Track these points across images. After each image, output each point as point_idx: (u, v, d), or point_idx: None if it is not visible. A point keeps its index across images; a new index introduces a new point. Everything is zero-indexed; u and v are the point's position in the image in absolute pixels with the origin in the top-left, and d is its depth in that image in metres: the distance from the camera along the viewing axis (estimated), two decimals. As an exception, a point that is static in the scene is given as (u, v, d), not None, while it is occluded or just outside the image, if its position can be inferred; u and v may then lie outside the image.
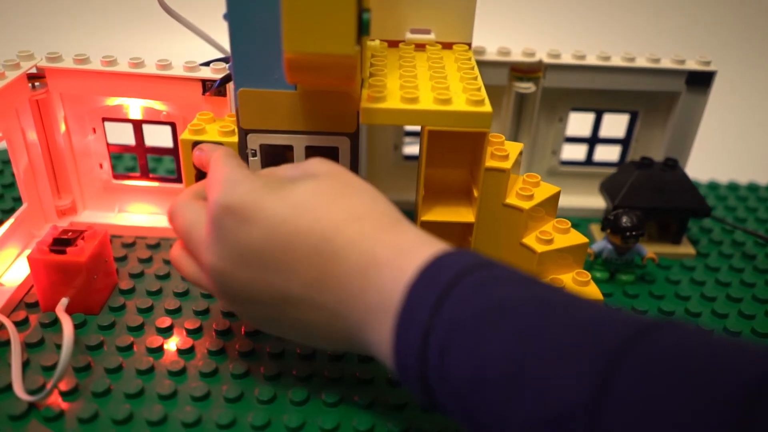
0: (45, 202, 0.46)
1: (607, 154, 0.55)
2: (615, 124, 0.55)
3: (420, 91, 0.36)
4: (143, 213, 0.49)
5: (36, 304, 0.40)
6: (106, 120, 0.46)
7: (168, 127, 0.46)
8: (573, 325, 0.23)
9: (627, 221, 0.43)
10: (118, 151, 0.48)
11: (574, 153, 0.55)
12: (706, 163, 0.63)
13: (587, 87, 0.49)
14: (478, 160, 0.37)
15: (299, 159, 0.38)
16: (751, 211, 0.57)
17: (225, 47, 0.46)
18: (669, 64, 0.49)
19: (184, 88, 0.42)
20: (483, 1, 0.46)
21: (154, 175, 0.49)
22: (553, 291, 0.26)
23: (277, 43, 0.31)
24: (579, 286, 0.37)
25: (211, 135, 0.39)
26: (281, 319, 0.31)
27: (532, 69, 0.48)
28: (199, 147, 0.37)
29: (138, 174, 0.48)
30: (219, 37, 0.45)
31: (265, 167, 0.39)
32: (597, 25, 0.90)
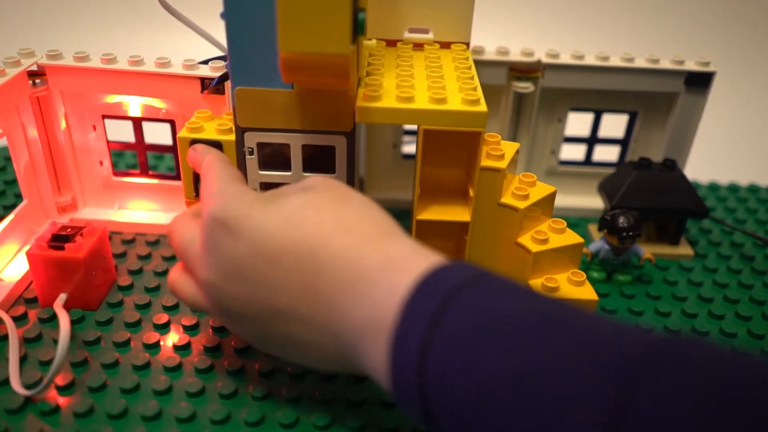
0: (45, 198, 0.46)
1: (606, 154, 0.55)
2: (614, 125, 0.55)
3: (416, 90, 0.36)
4: (143, 210, 0.49)
5: (35, 299, 0.40)
6: (106, 117, 0.46)
7: (167, 125, 0.46)
8: (580, 339, 0.23)
9: (624, 222, 0.43)
10: (118, 149, 0.48)
11: (573, 153, 0.55)
12: (707, 164, 0.63)
13: (586, 87, 0.49)
14: (474, 160, 0.37)
15: (296, 157, 0.38)
16: (751, 213, 0.57)
17: (224, 45, 0.46)
18: (668, 64, 0.48)
19: (183, 86, 0.43)
20: (482, 1, 0.46)
21: (153, 173, 0.49)
22: (554, 303, 0.25)
23: (274, 43, 0.31)
24: (574, 286, 0.38)
25: (209, 133, 0.39)
26: (272, 336, 0.30)
27: (531, 69, 0.48)
28: (193, 147, 0.37)
29: (138, 171, 0.49)
30: (218, 35, 0.45)
31: (263, 165, 0.39)
32: (596, 26, 0.90)
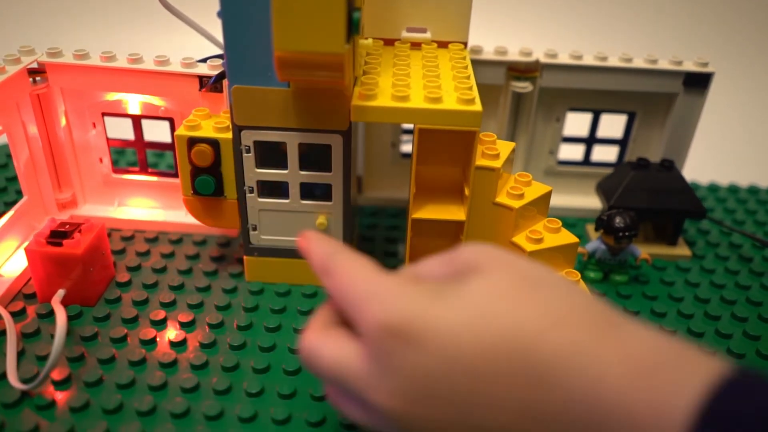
0: (45, 195, 0.47)
1: (605, 154, 0.55)
2: (613, 125, 0.55)
3: (411, 89, 0.36)
4: (142, 207, 0.50)
5: (34, 295, 0.41)
6: (105, 115, 0.46)
7: (167, 123, 0.46)
8: None
9: (620, 222, 0.43)
10: (118, 146, 0.49)
11: (572, 153, 0.55)
12: (707, 165, 0.63)
13: (584, 87, 0.49)
14: (469, 159, 0.37)
15: (292, 155, 0.39)
16: (750, 214, 0.56)
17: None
18: (666, 65, 0.48)
19: (181, 84, 0.43)
20: (481, 1, 0.46)
21: (153, 170, 0.49)
22: None
23: (270, 41, 0.31)
24: (568, 286, 0.38)
25: (207, 131, 0.39)
26: None
27: (529, 69, 0.48)
28: (304, 236, 0.29)
29: (137, 168, 0.49)
30: (217, 34, 0.46)
31: (260, 163, 0.39)
32: (595, 26, 0.90)
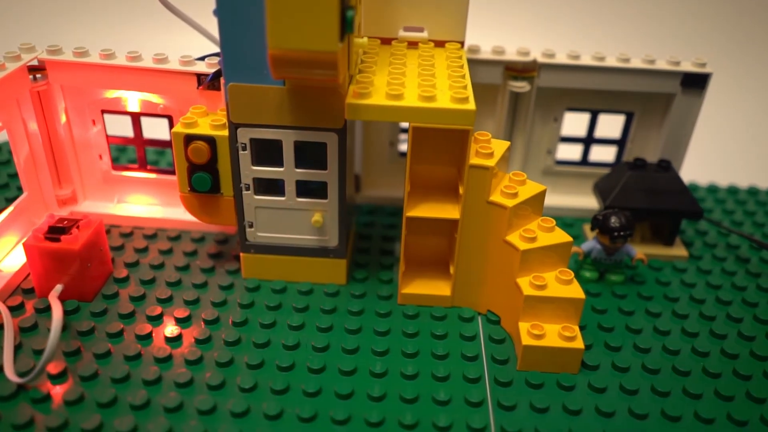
0: (45, 191, 0.47)
1: (603, 154, 0.55)
2: (611, 125, 0.55)
3: (406, 88, 0.36)
4: (141, 204, 0.50)
5: (32, 290, 0.41)
6: (105, 112, 0.47)
7: (166, 120, 0.47)
8: None
9: (615, 221, 0.43)
10: (117, 143, 0.49)
11: (570, 153, 0.55)
12: (707, 165, 0.63)
13: (582, 87, 0.49)
14: (463, 157, 0.37)
15: (288, 153, 0.39)
16: (749, 215, 0.56)
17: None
18: (664, 65, 0.48)
19: (179, 81, 0.43)
20: (479, 1, 0.47)
21: (152, 167, 0.50)
22: None
23: (265, 39, 0.31)
24: (562, 285, 0.38)
25: (203, 128, 0.39)
26: None
27: (527, 68, 0.49)
28: None
29: (137, 165, 0.49)
30: (215, 32, 0.46)
31: (256, 160, 0.40)
32: (592, 26, 0.90)
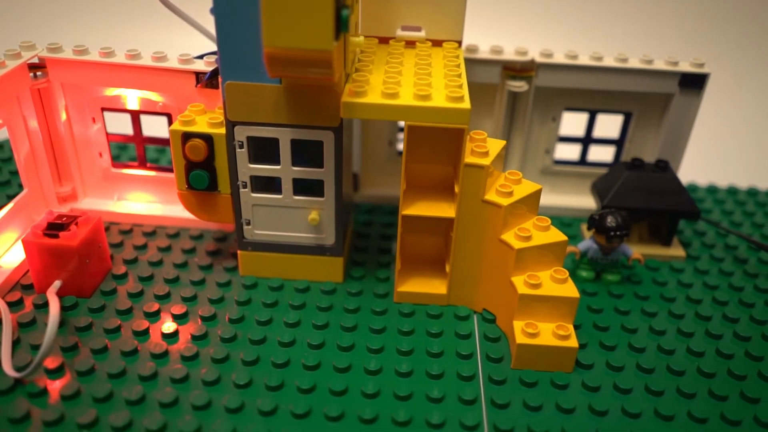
0: (46, 188, 0.48)
1: (601, 154, 0.55)
2: (609, 125, 0.55)
3: (402, 86, 0.37)
4: (141, 201, 0.50)
5: (31, 286, 0.42)
6: (105, 110, 0.47)
7: (165, 118, 0.47)
8: None
9: (612, 221, 0.43)
10: (117, 141, 0.49)
11: (568, 153, 0.55)
12: (706, 166, 0.63)
13: (580, 87, 0.49)
14: (458, 156, 0.37)
15: (285, 151, 0.39)
16: (748, 216, 0.56)
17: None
18: (662, 65, 0.48)
19: (178, 79, 0.43)
20: (477, 0, 0.47)
21: (151, 165, 0.50)
22: None
23: (261, 38, 0.32)
24: (557, 284, 0.38)
25: (201, 126, 0.40)
26: None
27: (525, 68, 0.49)
28: None
29: (136, 163, 0.50)
30: (214, 31, 0.46)
31: (253, 158, 0.40)
32: (590, 25, 0.90)
